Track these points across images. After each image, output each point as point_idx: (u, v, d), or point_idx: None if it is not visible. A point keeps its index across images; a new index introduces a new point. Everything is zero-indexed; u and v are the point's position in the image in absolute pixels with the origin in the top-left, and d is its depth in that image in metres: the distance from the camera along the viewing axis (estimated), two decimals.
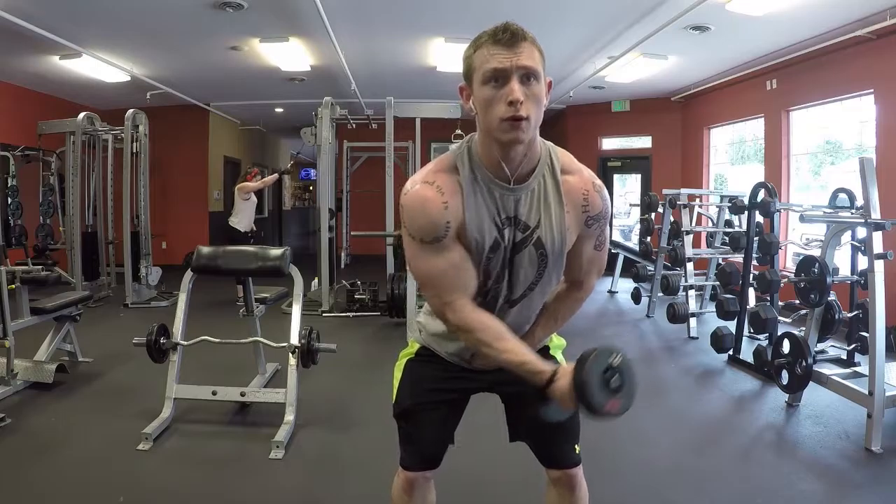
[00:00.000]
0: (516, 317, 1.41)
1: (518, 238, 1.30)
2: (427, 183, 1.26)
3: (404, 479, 1.50)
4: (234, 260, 3.26)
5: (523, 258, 1.32)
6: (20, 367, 3.48)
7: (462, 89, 1.27)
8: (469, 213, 1.27)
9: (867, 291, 3.03)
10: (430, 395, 1.48)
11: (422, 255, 1.28)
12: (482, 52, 1.19)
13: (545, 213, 1.29)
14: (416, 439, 1.50)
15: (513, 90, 1.16)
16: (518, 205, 1.28)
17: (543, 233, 1.30)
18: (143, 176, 6.83)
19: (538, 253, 1.31)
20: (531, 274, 1.34)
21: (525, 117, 1.16)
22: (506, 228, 1.29)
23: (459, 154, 1.30)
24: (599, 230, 1.37)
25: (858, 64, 5.26)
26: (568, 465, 1.48)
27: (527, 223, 1.29)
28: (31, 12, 4.77)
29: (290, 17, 5.25)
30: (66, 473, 2.57)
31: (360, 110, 8.23)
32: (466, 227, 1.27)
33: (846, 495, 2.50)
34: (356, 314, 5.90)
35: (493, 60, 1.16)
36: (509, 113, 1.16)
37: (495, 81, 1.17)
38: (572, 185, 1.31)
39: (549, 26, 5.40)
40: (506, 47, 1.16)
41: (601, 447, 2.80)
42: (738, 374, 4.10)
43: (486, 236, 1.28)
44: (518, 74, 1.16)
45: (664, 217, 5.94)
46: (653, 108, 8.88)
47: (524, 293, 1.37)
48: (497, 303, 1.37)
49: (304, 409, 3.11)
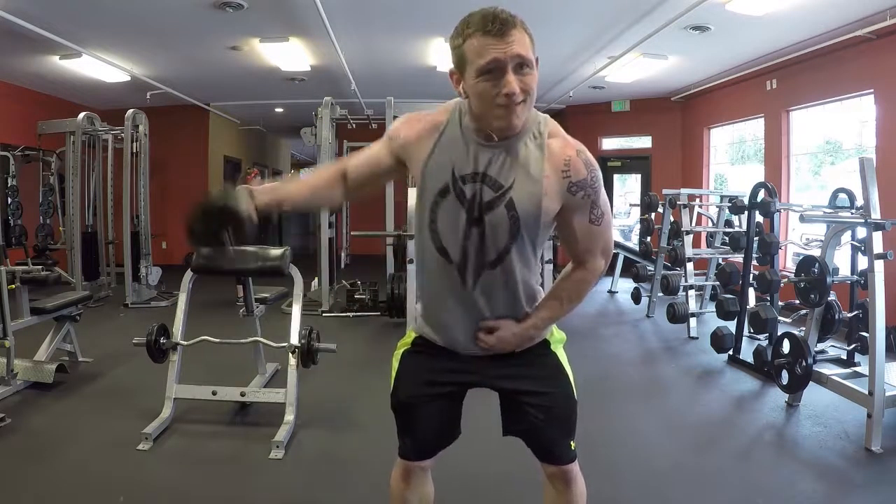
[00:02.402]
0: (500, 287, 1.37)
1: (489, 196, 1.30)
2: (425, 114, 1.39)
3: (402, 468, 1.53)
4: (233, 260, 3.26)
5: (495, 218, 1.31)
6: (20, 367, 3.48)
7: (452, 74, 1.29)
8: (434, 155, 1.33)
9: (867, 291, 3.03)
10: (424, 387, 1.48)
11: (376, 143, 1.45)
12: (473, 44, 1.19)
13: (522, 176, 1.29)
14: (412, 430, 1.51)
15: (509, 83, 1.18)
16: (491, 161, 1.30)
17: (517, 194, 1.29)
18: (143, 176, 6.83)
19: (509, 215, 1.30)
20: (504, 237, 1.32)
21: (521, 101, 1.20)
22: (469, 184, 1.31)
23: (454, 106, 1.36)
24: (590, 201, 1.33)
25: (858, 64, 5.26)
26: (564, 462, 1.48)
27: (500, 182, 1.29)
28: (31, 12, 4.77)
29: (290, 17, 5.25)
30: (66, 473, 2.57)
31: (360, 110, 8.23)
32: (426, 168, 1.33)
33: (846, 495, 2.50)
34: (356, 314, 5.90)
35: (487, 53, 1.17)
36: (506, 103, 1.19)
37: (490, 73, 1.18)
38: (554, 150, 1.31)
39: (549, 26, 5.40)
40: (497, 38, 1.17)
41: (601, 447, 2.80)
42: (738, 374, 4.10)
43: (437, 178, 1.33)
44: (513, 64, 1.18)
45: (664, 217, 5.94)
46: (653, 108, 8.88)
47: (499, 257, 1.34)
48: (470, 263, 1.35)
49: (304, 409, 3.11)
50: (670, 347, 4.95)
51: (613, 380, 4.09)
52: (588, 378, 3.86)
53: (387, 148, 1.40)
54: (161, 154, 8.36)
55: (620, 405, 3.56)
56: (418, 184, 1.36)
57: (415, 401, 1.48)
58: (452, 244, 1.35)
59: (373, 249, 8.71)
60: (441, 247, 1.36)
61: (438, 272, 1.38)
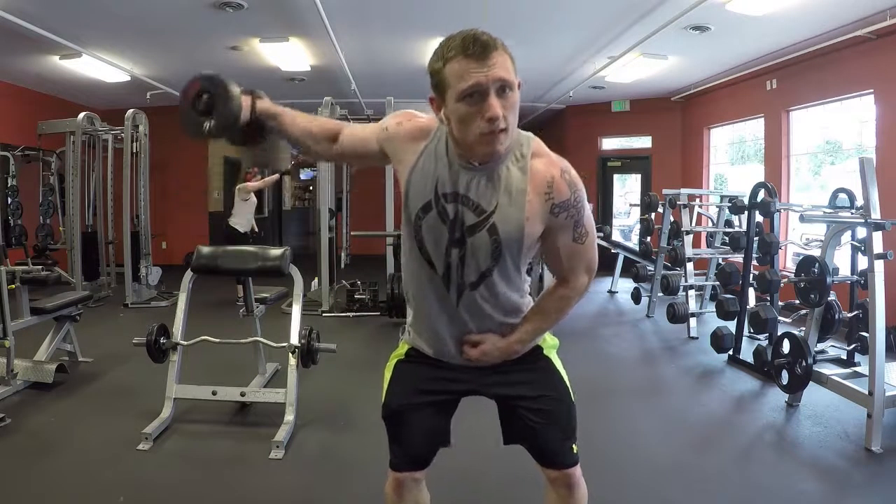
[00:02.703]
0: (483, 303, 1.38)
1: (471, 220, 1.30)
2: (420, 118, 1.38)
3: (393, 479, 1.50)
4: (234, 260, 3.26)
5: (477, 241, 1.31)
6: (20, 367, 3.48)
7: (432, 100, 1.26)
8: (418, 168, 1.32)
9: (867, 291, 3.04)
10: (417, 396, 1.48)
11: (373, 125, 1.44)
12: (453, 67, 1.16)
13: (504, 200, 1.28)
14: (404, 440, 1.49)
15: (492, 106, 1.15)
16: (471, 184, 1.28)
17: (500, 219, 1.28)
18: (143, 176, 6.83)
19: (492, 239, 1.30)
20: (486, 259, 1.32)
21: (504, 129, 1.18)
22: (450, 203, 1.30)
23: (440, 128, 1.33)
24: (573, 221, 1.32)
25: (858, 64, 5.26)
26: (566, 466, 1.47)
27: (482, 207, 1.29)
28: (31, 12, 4.77)
29: (290, 17, 5.25)
30: (66, 473, 2.57)
31: (360, 110, 8.23)
32: (410, 179, 1.33)
33: (846, 495, 2.50)
34: (356, 314, 5.90)
35: (469, 77, 1.15)
36: (489, 128, 1.17)
37: (471, 97, 1.16)
38: (537, 171, 1.29)
39: (549, 26, 5.39)
40: (478, 61, 1.14)
41: (601, 447, 2.80)
42: (738, 374, 4.10)
43: (420, 195, 1.32)
44: (494, 88, 1.16)
45: (664, 217, 5.94)
46: (653, 108, 8.88)
47: (481, 277, 1.34)
48: (453, 279, 1.36)
49: (304, 409, 3.11)
50: (670, 347, 4.95)
51: (613, 380, 4.08)
52: (588, 378, 3.86)
53: (376, 135, 1.41)
54: (161, 154, 8.35)
55: (620, 405, 3.56)
56: (403, 190, 1.35)
57: (406, 408, 1.47)
58: (437, 258, 1.35)
59: (373, 249, 8.70)
60: (427, 258, 1.36)
61: (426, 278, 1.39)
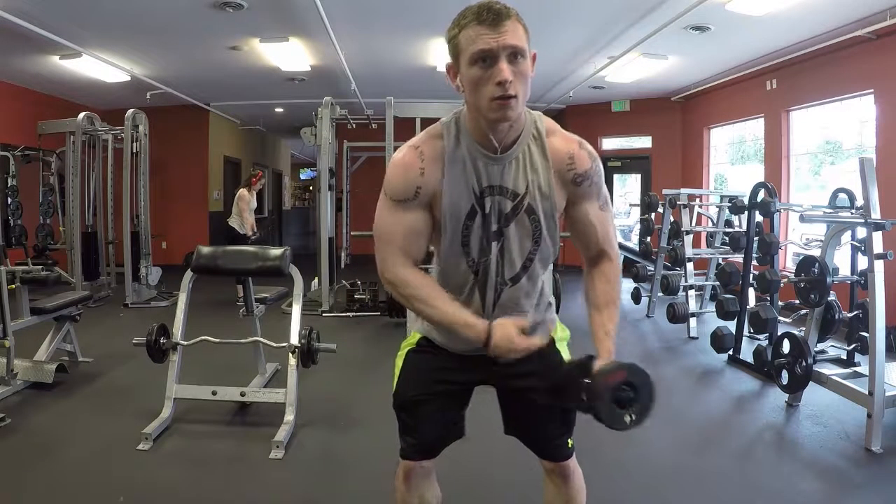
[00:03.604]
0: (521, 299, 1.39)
1: (508, 208, 1.32)
2: (413, 147, 1.33)
3: (404, 469, 1.51)
4: (234, 260, 3.26)
5: (518, 226, 1.33)
6: (20, 367, 3.48)
7: (449, 68, 1.29)
8: (447, 179, 1.31)
9: (867, 291, 3.03)
10: (429, 385, 1.48)
11: (388, 211, 1.33)
12: (467, 33, 1.20)
13: (532, 178, 1.31)
14: (415, 429, 1.50)
15: (501, 70, 1.18)
16: (504, 173, 1.31)
17: (533, 198, 1.32)
18: (143, 176, 6.83)
19: (530, 219, 1.33)
20: (528, 243, 1.35)
21: (514, 95, 1.19)
22: (487, 197, 1.31)
23: (447, 123, 1.34)
24: (596, 189, 1.36)
25: (858, 64, 5.26)
26: (560, 458, 1.49)
27: (515, 191, 1.31)
28: (31, 12, 4.77)
29: (290, 17, 5.25)
30: (66, 473, 2.57)
31: (360, 110, 8.23)
32: (443, 194, 1.31)
33: (846, 495, 2.50)
34: (356, 314, 5.90)
35: (480, 41, 1.18)
36: (499, 92, 1.19)
37: (483, 62, 1.19)
38: (557, 146, 1.33)
39: (549, 26, 5.40)
40: (491, 27, 1.17)
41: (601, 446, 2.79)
42: (738, 374, 4.10)
43: (462, 202, 1.31)
44: (505, 54, 1.18)
45: (664, 217, 5.94)
46: (653, 108, 8.88)
47: (524, 265, 1.37)
48: (489, 279, 1.36)
49: (304, 409, 3.11)
50: (670, 347, 4.95)
51: None
52: None
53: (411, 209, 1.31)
54: (161, 154, 8.37)
55: None
56: (444, 211, 1.31)
57: (420, 398, 1.48)
58: (480, 261, 1.36)
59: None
60: (471, 266, 1.36)
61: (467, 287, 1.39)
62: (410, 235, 1.33)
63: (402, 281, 1.34)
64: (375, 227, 1.37)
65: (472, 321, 1.30)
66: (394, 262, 1.34)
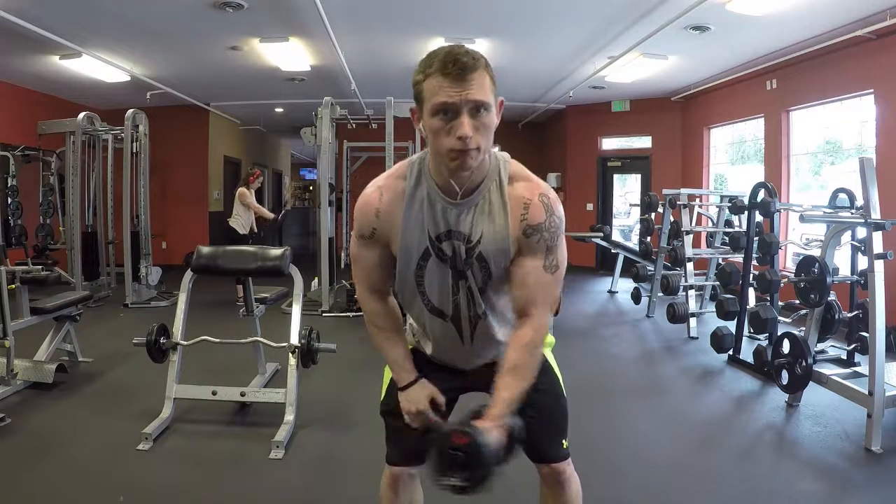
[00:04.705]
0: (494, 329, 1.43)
1: (465, 253, 1.32)
2: (377, 187, 1.36)
3: (389, 475, 1.52)
4: (234, 260, 3.26)
5: (473, 270, 1.34)
6: (20, 367, 3.48)
7: (413, 112, 1.28)
8: (404, 220, 1.32)
9: (867, 291, 3.03)
10: None
11: (354, 244, 1.41)
12: (431, 83, 1.17)
13: (488, 227, 1.30)
14: (401, 435, 1.49)
15: (462, 125, 1.16)
16: (459, 219, 1.30)
17: (485, 246, 1.31)
18: (143, 176, 6.83)
19: (480, 266, 1.33)
20: (482, 285, 1.37)
21: (475, 148, 1.18)
22: (445, 242, 1.32)
23: (413, 164, 1.35)
24: (545, 245, 1.29)
25: (858, 64, 5.26)
26: (555, 460, 1.48)
27: (469, 237, 1.31)
28: (32, 12, 4.77)
29: (290, 17, 5.25)
30: (66, 473, 2.57)
31: (360, 110, 8.23)
32: (400, 234, 1.33)
33: (846, 495, 2.50)
34: (356, 314, 5.89)
35: (442, 94, 1.16)
36: (458, 146, 1.17)
37: (444, 114, 1.17)
38: (515, 193, 1.30)
39: (549, 26, 5.39)
40: (455, 81, 1.15)
41: (601, 446, 2.80)
42: (738, 374, 4.10)
43: (416, 243, 1.33)
44: (468, 108, 1.16)
45: (664, 217, 5.94)
46: (653, 108, 8.88)
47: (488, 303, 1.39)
48: (462, 317, 1.40)
49: (304, 409, 3.11)
50: (670, 347, 4.95)
51: (613, 380, 4.08)
52: (588, 378, 3.87)
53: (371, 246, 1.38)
54: (161, 154, 8.36)
55: (620, 405, 3.56)
56: (398, 249, 1.35)
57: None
58: (442, 301, 1.39)
59: None
60: (434, 307, 1.40)
61: (437, 328, 1.44)
62: (373, 269, 1.40)
63: (369, 310, 1.46)
64: (350, 253, 1.47)
65: (402, 375, 1.42)
66: (363, 290, 1.45)
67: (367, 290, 1.44)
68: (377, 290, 1.44)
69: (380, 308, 1.45)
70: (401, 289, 1.42)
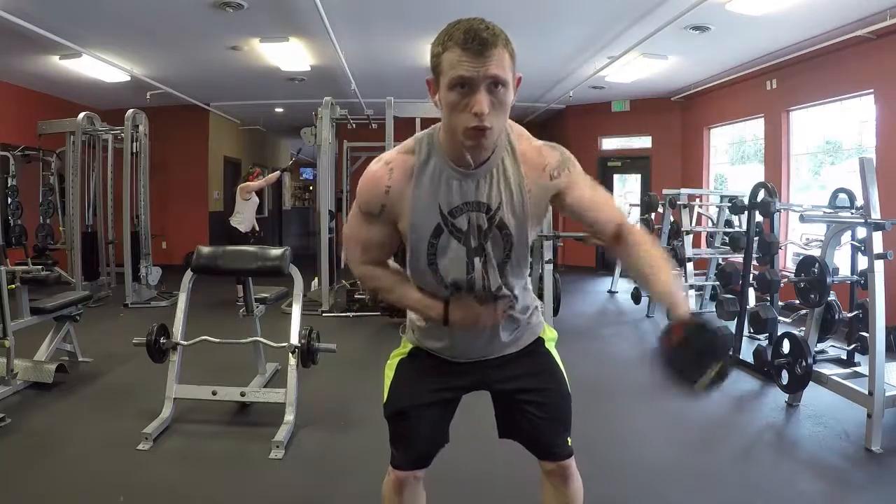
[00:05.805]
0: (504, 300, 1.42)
1: (484, 223, 1.31)
2: (385, 163, 1.32)
3: (395, 478, 1.49)
4: (234, 260, 3.26)
5: (493, 242, 1.33)
6: (20, 367, 3.48)
7: (429, 83, 1.25)
8: (413, 196, 1.30)
9: (867, 291, 3.04)
10: (423, 394, 1.48)
11: (356, 218, 1.39)
12: (450, 56, 1.16)
13: (506, 192, 1.30)
14: (409, 439, 1.49)
15: (479, 101, 1.14)
16: (478, 189, 1.29)
17: (505, 213, 1.31)
18: (143, 176, 6.83)
19: (502, 233, 1.32)
20: (500, 255, 1.35)
21: (489, 127, 1.17)
22: (462, 215, 1.30)
23: (420, 139, 1.32)
24: (577, 175, 1.34)
25: (858, 64, 5.26)
26: (561, 457, 1.48)
27: (489, 205, 1.30)
28: (31, 12, 4.77)
29: (290, 17, 5.25)
30: (66, 473, 2.57)
31: (360, 110, 8.23)
32: (410, 211, 1.31)
33: (846, 495, 2.50)
34: (356, 314, 5.90)
35: (461, 68, 1.14)
36: (474, 123, 1.16)
37: (461, 88, 1.15)
38: (526, 152, 1.32)
39: (549, 26, 5.39)
40: (474, 56, 1.13)
41: (601, 447, 2.80)
42: (738, 374, 4.09)
43: (427, 220, 1.31)
44: (486, 83, 1.15)
45: (664, 217, 5.94)
46: (653, 108, 8.88)
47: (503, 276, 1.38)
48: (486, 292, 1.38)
49: (304, 409, 3.11)
50: None
51: (613, 380, 4.08)
52: (588, 378, 3.86)
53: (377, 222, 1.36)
54: (161, 154, 8.36)
55: (620, 405, 3.56)
56: (406, 227, 1.33)
57: (412, 408, 1.47)
58: (459, 280, 1.36)
59: None
60: (448, 285, 1.37)
61: None
62: (373, 245, 1.40)
63: (367, 275, 1.45)
64: (345, 227, 1.46)
65: (429, 302, 1.39)
66: (358, 261, 1.43)
67: (368, 262, 1.43)
68: (377, 262, 1.44)
69: (381, 268, 1.46)
70: (413, 267, 1.38)
